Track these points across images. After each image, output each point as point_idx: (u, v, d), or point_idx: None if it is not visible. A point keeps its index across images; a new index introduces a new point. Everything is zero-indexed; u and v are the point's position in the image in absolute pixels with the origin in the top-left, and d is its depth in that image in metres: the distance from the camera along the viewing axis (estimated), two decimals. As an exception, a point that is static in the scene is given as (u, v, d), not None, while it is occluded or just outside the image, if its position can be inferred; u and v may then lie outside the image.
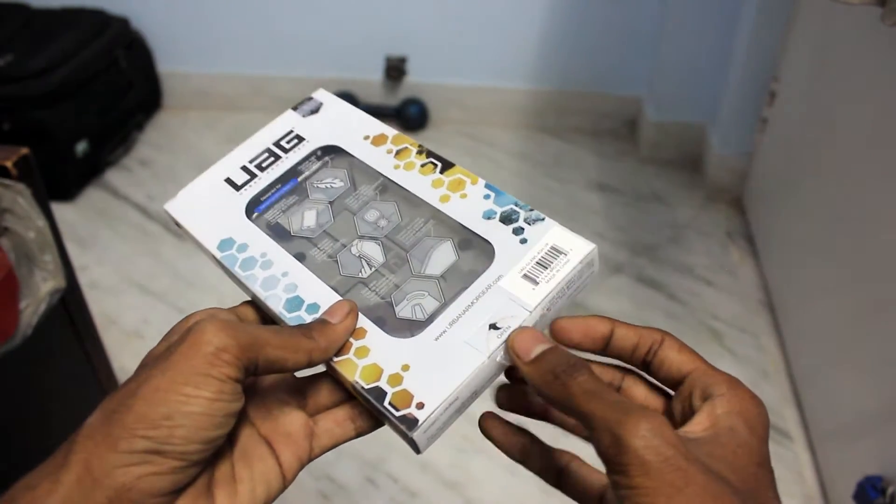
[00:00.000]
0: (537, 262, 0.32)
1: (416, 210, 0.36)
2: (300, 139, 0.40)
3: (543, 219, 0.34)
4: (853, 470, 0.95)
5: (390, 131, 0.39)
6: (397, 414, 0.29)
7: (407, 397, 0.30)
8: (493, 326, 0.31)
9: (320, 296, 0.34)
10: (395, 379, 0.30)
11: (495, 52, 1.86)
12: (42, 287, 0.77)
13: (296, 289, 0.35)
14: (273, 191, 0.38)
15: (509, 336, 0.31)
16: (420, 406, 0.29)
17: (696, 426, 0.29)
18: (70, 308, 0.92)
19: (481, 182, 0.36)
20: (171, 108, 1.98)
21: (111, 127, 1.73)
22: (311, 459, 0.32)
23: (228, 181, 0.39)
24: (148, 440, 0.26)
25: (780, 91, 1.43)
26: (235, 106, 1.98)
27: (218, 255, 0.37)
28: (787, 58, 1.40)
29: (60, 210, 1.57)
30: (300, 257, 0.36)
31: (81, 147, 1.62)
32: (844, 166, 1.12)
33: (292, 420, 0.32)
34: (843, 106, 1.14)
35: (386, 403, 0.30)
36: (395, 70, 1.88)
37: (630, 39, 1.80)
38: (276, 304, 0.34)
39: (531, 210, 0.34)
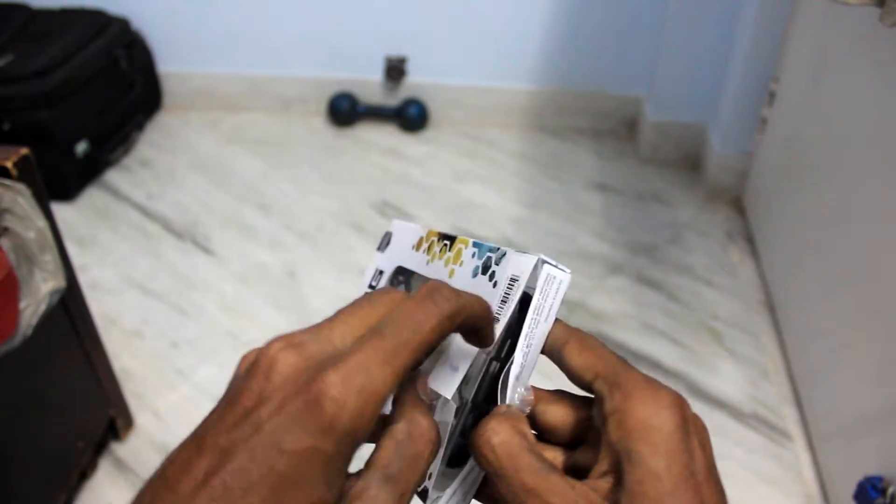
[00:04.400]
0: (502, 300, 0.32)
1: None
2: (381, 273, 0.43)
3: (505, 253, 0.33)
4: (853, 470, 0.95)
5: (423, 231, 0.41)
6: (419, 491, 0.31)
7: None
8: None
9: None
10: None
11: (495, 52, 1.87)
12: (42, 287, 0.77)
13: None
14: None
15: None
16: (429, 477, 0.30)
17: (601, 467, 0.27)
18: (70, 308, 0.93)
19: (470, 243, 0.36)
20: (172, 108, 1.98)
21: (111, 127, 1.73)
22: None
23: None
24: None
25: (780, 91, 1.43)
26: (235, 106, 1.98)
27: None
28: (787, 58, 1.40)
29: (60, 210, 1.57)
30: None
31: (81, 147, 1.62)
32: (844, 166, 1.12)
33: None
34: (842, 106, 1.14)
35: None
36: (395, 70, 1.88)
37: (630, 39, 1.80)
38: None
39: (498, 250, 0.34)
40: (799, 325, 1.25)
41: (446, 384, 0.31)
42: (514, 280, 0.32)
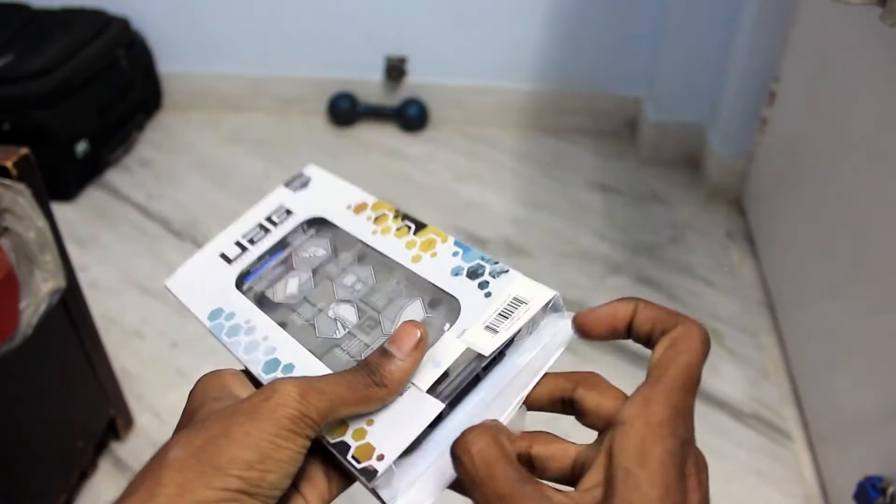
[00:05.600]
0: (499, 314, 0.33)
1: (390, 272, 0.37)
2: (289, 213, 0.42)
3: (507, 270, 0.34)
4: (853, 470, 0.95)
5: (371, 199, 0.41)
6: (359, 467, 0.30)
7: (369, 450, 0.30)
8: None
9: (298, 357, 0.35)
10: (360, 433, 0.31)
11: (495, 52, 1.86)
12: (42, 287, 0.77)
13: (274, 351, 0.36)
14: (261, 262, 0.41)
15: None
16: (380, 458, 0.30)
17: (593, 477, 0.27)
18: (70, 308, 0.93)
19: (451, 240, 0.37)
20: (172, 108, 1.98)
21: (111, 127, 1.73)
22: (332, 499, 0.33)
23: (223, 256, 0.42)
24: (241, 480, 0.26)
25: (780, 91, 1.43)
26: (235, 106, 1.98)
27: (207, 324, 0.39)
28: (787, 58, 1.40)
29: (60, 210, 1.57)
30: (282, 323, 0.37)
31: (81, 147, 1.62)
32: (844, 166, 1.12)
33: (312, 464, 0.33)
34: (842, 106, 1.14)
35: (349, 457, 0.30)
36: (395, 70, 1.88)
37: (630, 39, 1.80)
38: (256, 368, 0.35)
39: (496, 263, 0.35)
40: (799, 325, 1.25)
41: (423, 377, 0.31)
42: (519, 301, 0.33)
